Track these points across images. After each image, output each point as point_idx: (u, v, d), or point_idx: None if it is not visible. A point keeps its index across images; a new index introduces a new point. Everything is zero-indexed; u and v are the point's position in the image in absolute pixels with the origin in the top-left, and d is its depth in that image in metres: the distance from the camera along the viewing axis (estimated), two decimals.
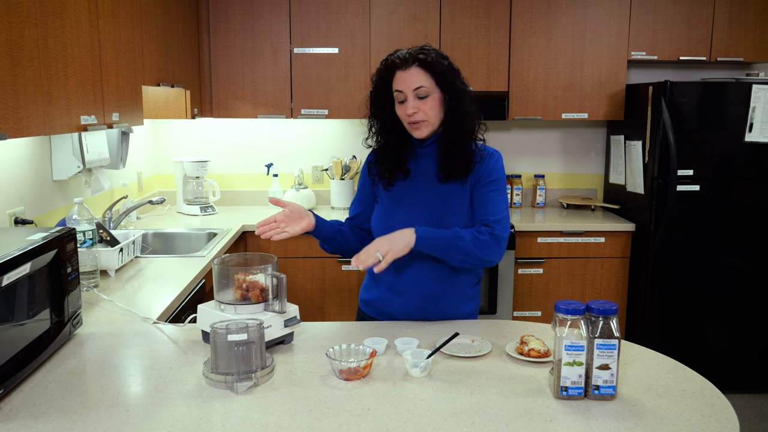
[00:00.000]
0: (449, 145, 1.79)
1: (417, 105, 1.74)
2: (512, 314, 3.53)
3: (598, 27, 3.63)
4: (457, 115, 1.76)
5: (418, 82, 1.73)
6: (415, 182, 1.85)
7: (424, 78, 1.73)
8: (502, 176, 1.83)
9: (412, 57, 1.74)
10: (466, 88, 1.79)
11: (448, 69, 1.75)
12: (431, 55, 1.74)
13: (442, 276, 1.83)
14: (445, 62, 1.75)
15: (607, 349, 1.32)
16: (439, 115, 1.77)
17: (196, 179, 3.74)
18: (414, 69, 1.73)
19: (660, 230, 3.36)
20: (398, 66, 1.75)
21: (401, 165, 1.85)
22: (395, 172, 1.85)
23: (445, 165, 1.80)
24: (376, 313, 1.92)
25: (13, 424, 1.27)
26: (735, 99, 3.29)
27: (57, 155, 2.61)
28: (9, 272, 1.39)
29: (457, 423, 1.27)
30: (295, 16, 3.58)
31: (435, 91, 1.74)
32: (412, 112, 1.74)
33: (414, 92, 1.74)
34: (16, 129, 1.67)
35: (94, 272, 2.17)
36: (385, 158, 1.86)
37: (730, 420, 1.29)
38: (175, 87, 3.11)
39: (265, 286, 1.61)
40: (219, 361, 1.43)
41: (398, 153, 1.85)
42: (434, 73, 1.73)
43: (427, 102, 1.74)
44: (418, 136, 1.79)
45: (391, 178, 1.86)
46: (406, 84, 1.74)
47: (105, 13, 2.27)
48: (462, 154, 1.78)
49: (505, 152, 4.08)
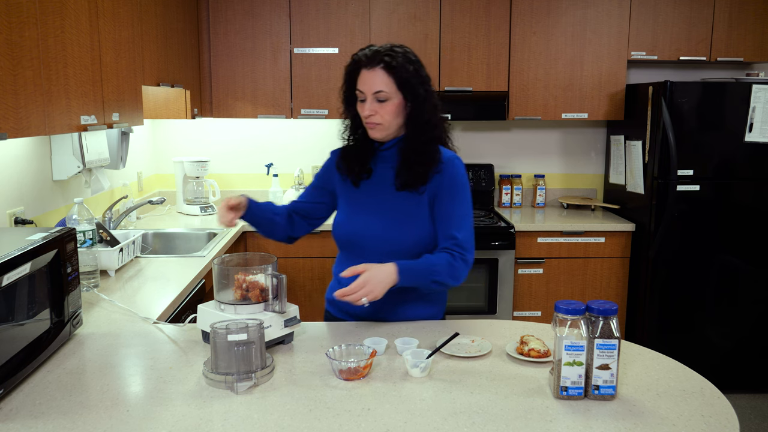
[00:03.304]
0: (408, 153, 1.75)
1: (375, 107, 1.71)
2: (512, 314, 3.53)
3: (598, 27, 3.63)
4: (418, 123, 1.73)
5: (379, 86, 1.69)
6: (375, 186, 1.82)
7: (387, 82, 1.69)
8: (464, 183, 1.78)
9: (378, 57, 1.69)
10: (432, 96, 1.75)
11: (413, 75, 1.70)
12: (398, 59, 1.69)
13: None
14: (411, 68, 1.70)
15: (607, 349, 1.32)
16: (398, 121, 1.74)
17: (196, 179, 3.74)
18: (378, 70, 1.69)
19: (660, 230, 3.36)
20: (364, 64, 1.71)
21: (365, 165, 1.82)
22: (360, 173, 1.83)
23: (402, 173, 1.76)
24: (339, 312, 1.91)
25: (13, 424, 1.27)
26: (735, 99, 3.29)
27: (57, 155, 2.61)
28: (9, 272, 1.39)
29: (457, 423, 1.27)
30: (295, 16, 3.58)
31: (396, 96, 1.70)
32: (368, 114, 1.72)
33: (374, 95, 1.70)
34: (16, 129, 1.67)
35: (94, 272, 2.17)
36: (351, 156, 1.84)
37: (730, 420, 1.29)
38: (175, 87, 3.11)
39: (265, 286, 1.61)
40: (219, 361, 1.43)
41: (362, 152, 1.83)
42: (397, 78, 1.69)
43: (386, 106, 1.71)
44: (373, 137, 1.77)
45: (357, 178, 1.83)
46: (367, 85, 1.71)
47: (105, 13, 2.27)
48: (419, 164, 1.74)
49: (505, 152, 4.09)
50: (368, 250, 1.78)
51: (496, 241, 3.43)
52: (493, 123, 4.05)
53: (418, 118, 1.73)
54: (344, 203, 1.87)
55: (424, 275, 1.69)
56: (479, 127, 4.06)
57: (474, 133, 4.06)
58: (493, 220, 3.59)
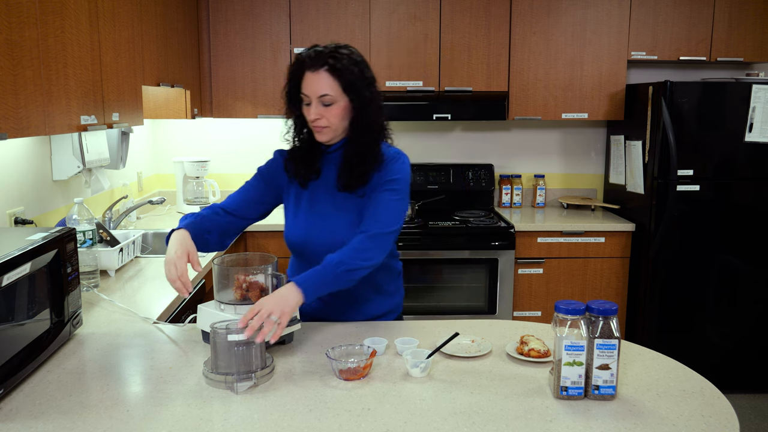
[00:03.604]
0: (351, 155, 1.73)
1: (321, 111, 1.68)
2: (512, 314, 3.53)
3: (598, 27, 3.63)
4: (362, 124, 1.71)
5: (323, 90, 1.66)
6: (322, 188, 1.80)
7: (332, 85, 1.66)
8: (401, 178, 1.74)
9: (321, 59, 1.66)
10: (376, 97, 1.72)
11: (358, 77, 1.67)
12: (342, 61, 1.66)
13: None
14: (356, 69, 1.67)
15: (607, 349, 1.32)
16: (344, 123, 1.72)
17: (196, 179, 3.74)
18: (322, 73, 1.66)
19: (660, 230, 3.36)
20: (308, 66, 1.67)
21: (313, 166, 1.79)
22: (308, 174, 1.79)
23: (343, 175, 1.74)
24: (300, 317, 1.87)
25: (13, 424, 1.27)
26: (735, 99, 3.29)
27: (57, 155, 2.61)
28: (9, 272, 1.39)
29: (457, 423, 1.27)
30: (295, 16, 3.58)
31: (341, 99, 1.68)
32: (314, 118, 1.69)
33: (319, 98, 1.67)
34: (16, 129, 1.67)
35: (94, 272, 2.17)
36: (298, 158, 1.80)
37: (730, 420, 1.29)
38: (175, 87, 3.11)
39: (265, 286, 1.61)
40: (219, 361, 1.43)
41: (309, 154, 1.80)
42: (342, 81, 1.66)
43: (332, 109, 1.68)
44: (320, 139, 1.74)
45: (305, 179, 1.80)
46: (312, 89, 1.67)
47: (105, 13, 2.27)
48: (361, 165, 1.72)
49: (505, 152, 4.09)
50: (319, 252, 1.71)
51: (496, 241, 3.43)
52: (493, 123, 4.05)
53: (361, 120, 1.70)
54: (292, 205, 1.83)
55: (329, 273, 1.60)
56: (479, 127, 4.06)
57: (474, 133, 4.06)
58: (493, 220, 3.59)
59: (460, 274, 3.50)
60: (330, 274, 1.60)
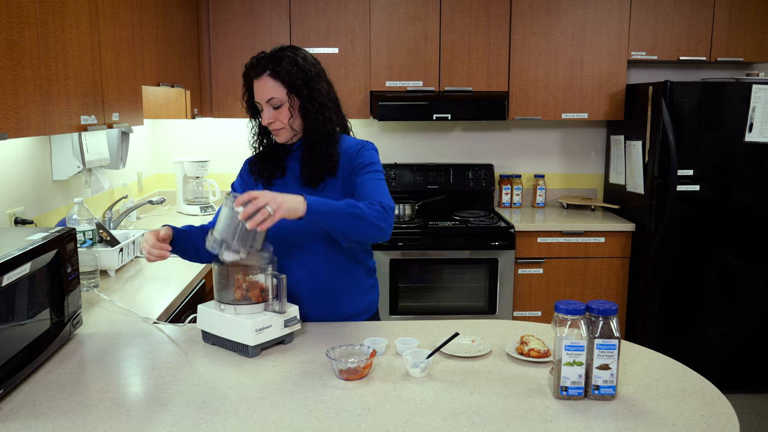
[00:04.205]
0: (307, 149, 1.77)
1: (273, 115, 1.74)
2: (512, 314, 3.53)
3: (598, 27, 3.63)
4: (314, 120, 1.74)
5: (269, 94, 1.72)
6: (288, 183, 1.83)
7: (276, 88, 1.72)
8: (377, 161, 1.79)
9: (262, 65, 1.72)
10: (316, 93, 1.74)
11: (299, 76, 1.71)
12: (282, 63, 1.71)
13: (333, 271, 1.82)
14: (295, 69, 1.71)
15: (607, 349, 1.32)
16: (299, 122, 1.76)
17: (196, 179, 3.74)
18: (266, 78, 1.72)
19: (660, 230, 3.36)
20: (253, 74, 1.74)
21: (279, 164, 1.84)
22: (274, 171, 1.84)
23: (305, 170, 1.78)
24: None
25: (13, 424, 1.27)
26: (735, 99, 3.29)
27: (57, 155, 2.61)
28: (9, 272, 1.39)
29: (457, 423, 1.27)
30: (295, 16, 3.58)
31: (288, 99, 1.73)
32: (268, 122, 1.75)
33: (268, 103, 1.73)
34: (16, 129, 1.67)
35: (94, 272, 2.17)
36: (266, 161, 1.86)
37: (730, 420, 1.29)
38: (175, 87, 3.11)
39: (265, 286, 1.61)
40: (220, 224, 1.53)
41: (274, 154, 1.85)
42: (285, 82, 1.71)
43: (282, 111, 1.73)
44: (279, 141, 1.80)
45: (271, 176, 1.84)
46: (260, 95, 1.74)
47: (105, 13, 2.27)
48: (318, 159, 1.75)
49: (505, 152, 4.09)
50: (294, 245, 1.79)
51: (496, 241, 3.43)
52: (493, 123, 4.05)
53: (307, 116, 1.75)
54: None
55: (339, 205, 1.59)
56: (479, 127, 4.06)
57: (474, 133, 4.06)
58: (493, 220, 3.59)
59: (460, 274, 3.50)
60: (339, 207, 1.59)
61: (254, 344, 1.56)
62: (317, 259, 1.81)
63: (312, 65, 1.76)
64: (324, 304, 1.85)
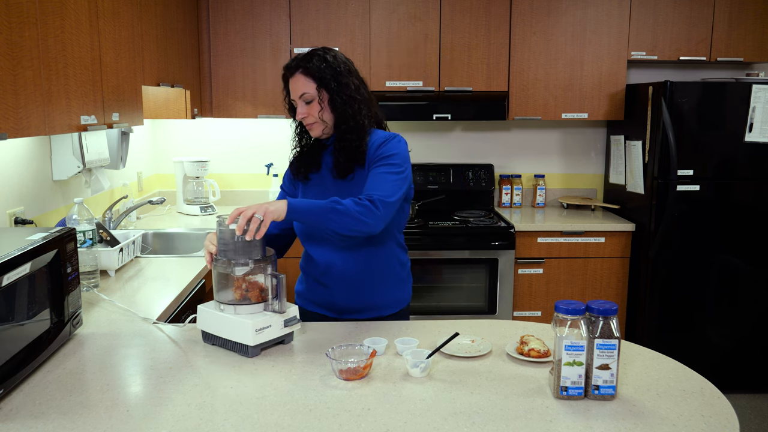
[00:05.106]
0: (339, 142, 1.84)
1: (305, 110, 1.82)
2: (512, 314, 3.53)
3: (598, 27, 3.63)
4: (342, 112, 1.81)
5: (301, 90, 1.81)
6: (323, 178, 1.91)
7: (307, 84, 1.80)
8: (397, 153, 1.81)
9: (295, 65, 1.82)
10: (344, 87, 1.81)
11: (328, 71, 1.80)
12: (312, 60, 1.81)
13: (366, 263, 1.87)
14: (323, 65, 1.80)
15: (607, 349, 1.32)
16: (329, 113, 1.83)
17: (196, 179, 3.74)
18: (298, 76, 1.81)
19: (660, 230, 3.36)
20: (289, 73, 1.84)
21: (315, 160, 1.92)
22: (310, 167, 1.92)
23: (337, 162, 1.85)
24: (307, 304, 1.97)
25: (13, 424, 1.27)
26: (735, 99, 3.29)
27: (57, 155, 2.61)
28: (9, 272, 1.39)
29: (457, 423, 1.27)
30: (294, 15, 3.58)
31: (318, 94, 1.81)
32: (301, 117, 1.84)
33: (300, 99, 1.82)
34: (16, 129, 1.67)
35: (94, 272, 2.17)
36: (302, 156, 1.95)
37: (730, 420, 1.29)
38: (175, 87, 3.11)
39: (265, 286, 1.61)
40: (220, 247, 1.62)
41: (312, 151, 1.93)
42: (315, 78, 1.80)
43: (314, 106, 1.81)
44: (313, 135, 1.87)
45: (306, 172, 1.92)
46: (293, 92, 1.84)
47: (105, 13, 2.27)
48: (350, 150, 1.82)
49: (505, 152, 4.09)
50: (325, 240, 1.86)
51: (496, 241, 3.43)
52: (493, 123, 4.05)
53: (343, 108, 1.81)
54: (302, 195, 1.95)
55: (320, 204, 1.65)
56: (479, 127, 4.06)
57: (474, 133, 4.06)
58: (493, 220, 3.59)
59: (460, 274, 3.50)
60: (320, 205, 1.65)
61: (254, 344, 1.56)
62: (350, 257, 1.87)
63: (342, 63, 1.84)
64: (357, 298, 1.90)
